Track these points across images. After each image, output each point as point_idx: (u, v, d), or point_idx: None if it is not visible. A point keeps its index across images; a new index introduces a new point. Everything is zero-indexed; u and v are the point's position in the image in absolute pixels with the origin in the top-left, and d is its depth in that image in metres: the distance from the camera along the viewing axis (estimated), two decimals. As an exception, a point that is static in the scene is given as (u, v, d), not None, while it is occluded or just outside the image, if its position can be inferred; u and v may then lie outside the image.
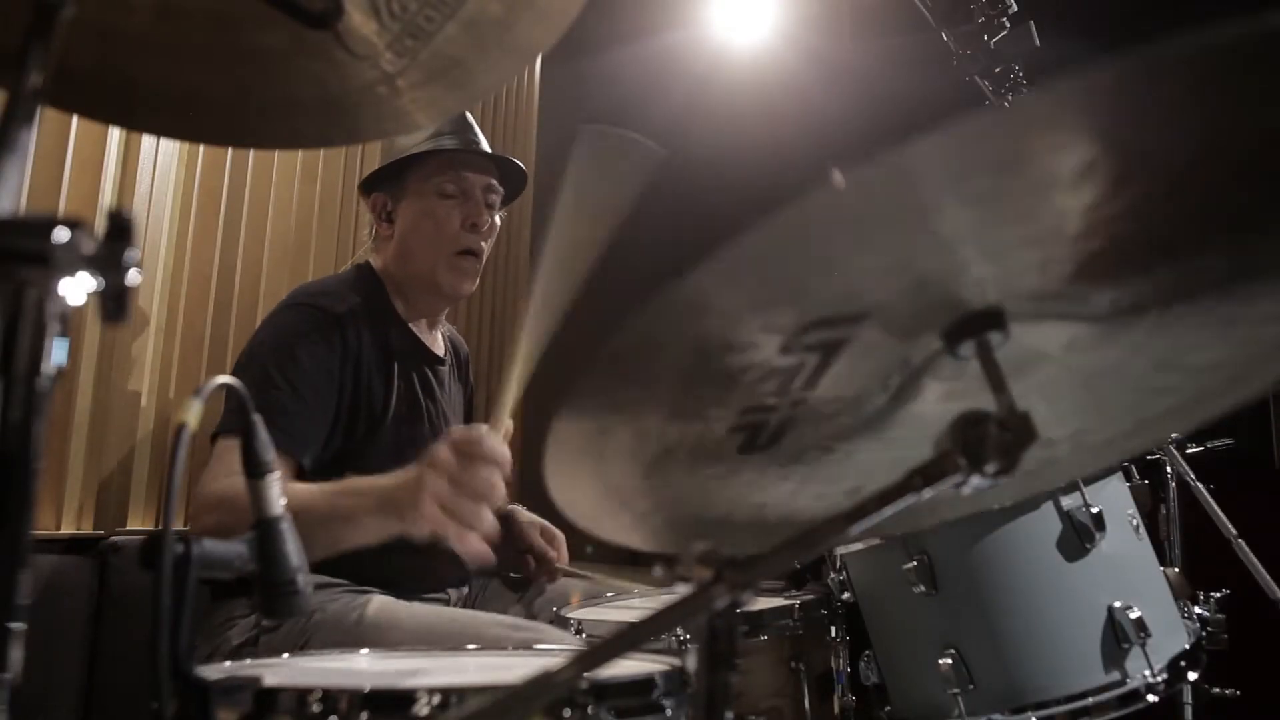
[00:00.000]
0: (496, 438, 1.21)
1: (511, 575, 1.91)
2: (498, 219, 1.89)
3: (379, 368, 1.73)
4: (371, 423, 1.70)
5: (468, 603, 1.90)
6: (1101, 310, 0.63)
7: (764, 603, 1.54)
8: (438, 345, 1.94)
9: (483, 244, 1.84)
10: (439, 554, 1.30)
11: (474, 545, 1.19)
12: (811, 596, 1.58)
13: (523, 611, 1.87)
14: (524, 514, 1.97)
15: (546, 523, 1.93)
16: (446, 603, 1.82)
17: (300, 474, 1.55)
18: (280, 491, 0.84)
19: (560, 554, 1.89)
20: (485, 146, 1.88)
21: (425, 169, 1.82)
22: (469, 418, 2.07)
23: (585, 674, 0.59)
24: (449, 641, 1.28)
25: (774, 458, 0.72)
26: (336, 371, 1.65)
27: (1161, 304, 0.63)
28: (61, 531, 1.86)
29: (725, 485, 0.75)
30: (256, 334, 1.74)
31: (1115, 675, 1.39)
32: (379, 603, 1.52)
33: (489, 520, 1.19)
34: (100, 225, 0.54)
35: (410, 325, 1.86)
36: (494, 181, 1.88)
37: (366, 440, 1.69)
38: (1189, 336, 0.66)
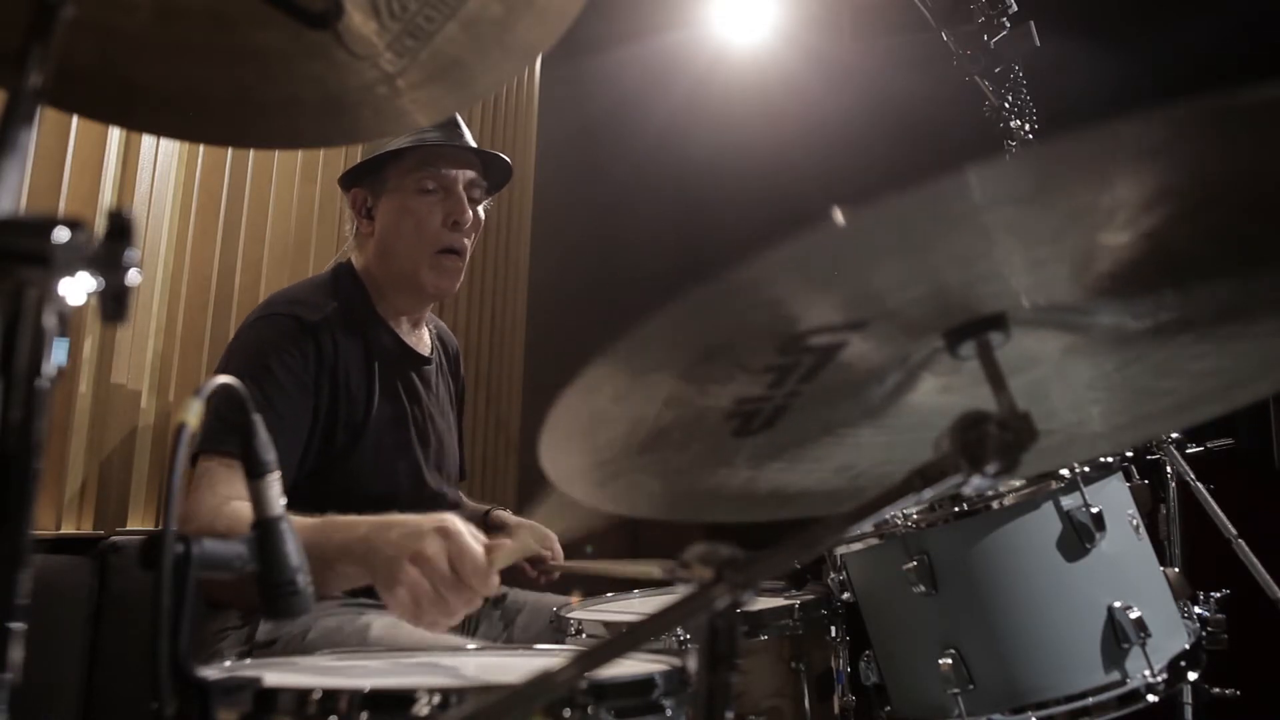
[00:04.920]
0: (492, 567, 1.20)
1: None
2: (482, 213, 1.85)
3: (359, 375, 1.70)
4: (352, 431, 1.67)
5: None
6: (1105, 325, 0.64)
7: (764, 603, 1.54)
8: (423, 344, 1.90)
9: (465, 241, 1.81)
10: None
11: (434, 630, 1.21)
12: (811, 596, 1.57)
13: (501, 626, 1.85)
14: (512, 519, 1.96)
15: (535, 524, 1.92)
16: None
17: None
18: (280, 491, 0.84)
19: (555, 552, 1.88)
20: (469, 140, 1.84)
21: (405, 164, 1.79)
22: (460, 413, 2.05)
23: (585, 674, 0.59)
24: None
25: (768, 440, 0.72)
26: (311, 384, 1.62)
27: (1162, 326, 0.64)
28: (61, 531, 1.86)
29: (717, 461, 0.76)
30: (231, 345, 1.71)
31: (1115, 675, 1.39)
32: (382, 625, 1.51)
33: (455, 620, 1.20)
34: (100, 225, 0.54)
35: (392, 326, 1.82)
36: (476, 176, 1.83)
37: (348, 449, 1.67)
38: (1189, 347, 0.67)
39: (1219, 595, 1.64)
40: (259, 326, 1.67)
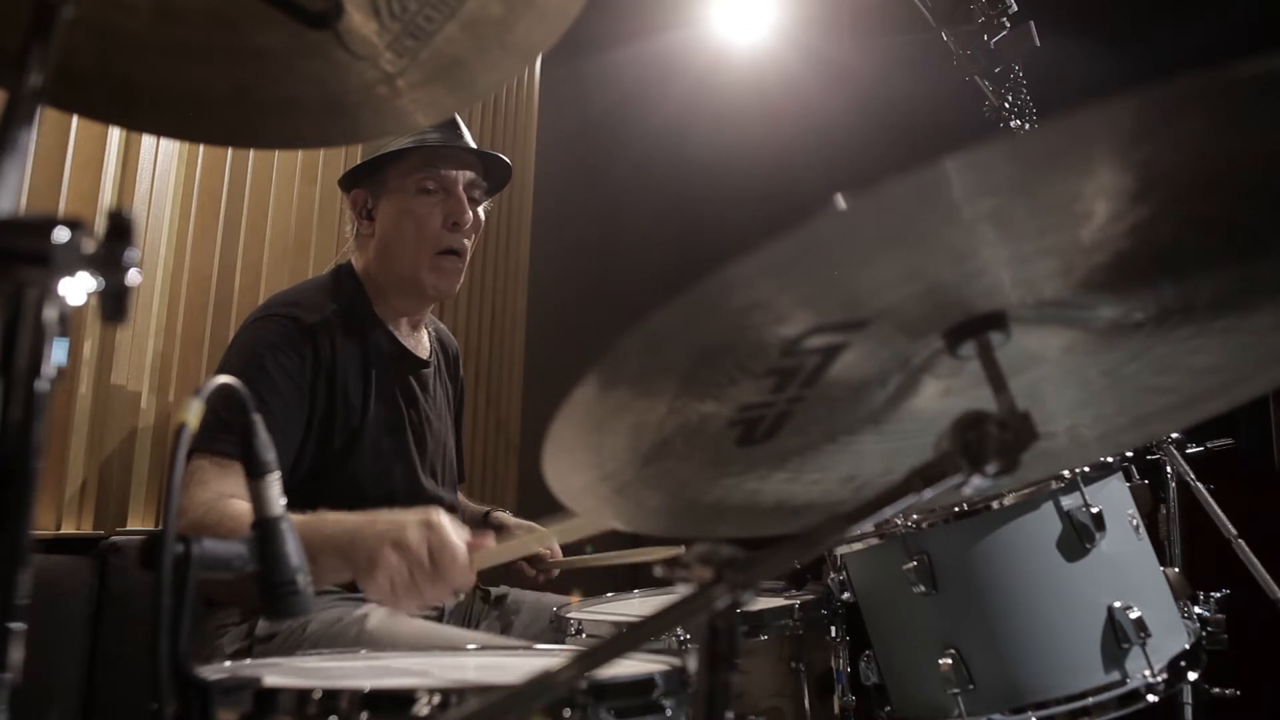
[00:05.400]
0: (470, 564, 1.26)
1: (486, 589, 1.89)
2: (482, 213, 1.85)
3: (356, 378, 1.70)
4: (349, 434, 1.67)
5: (461, 611, 1.89)
6: (1102, 321, 0.64)
7: (764, 603, 1.54)
8: (422, 347, 1.90)
9: (465, 242, 1.81)
10: None
11: (406, 610, 1.28)
12: (811, 596, 1.57)
13: (498, 625, 1.85)
14: (511, 521, 1.96)
15: (534, 524, 1.92)
16: (440, 612, 1.81)
17: None
18: (280, 492, 0.84)
19: (553, 552, 1.88)
20: (469, 141, 1.84)
21: (405, 165, 1.78)
22: (459, 416, 2.05)
23: (585, 674, 0.59)
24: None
25: (771, 450, 0.72)
26: (307, 386, 1.62)
27: (1162, 318, 0.63)
28: (61, 531, 1.86)
29: (721, 473, 0.76)
30: (229, 346, 1.72)
31: (1115, 675, 1.39)
32: (378, 617, 1.51)
33: (426, 607, 1.27)
34: (100, 225, 0.54)
35: (391, 328, 1.82)
36: (476, 176, 1.83)
37: (344, 452, 1.67)
38: (1187, 342, 0.67)
39: (1219, 595, 1.63)
40: (257, 327, 1.67)
